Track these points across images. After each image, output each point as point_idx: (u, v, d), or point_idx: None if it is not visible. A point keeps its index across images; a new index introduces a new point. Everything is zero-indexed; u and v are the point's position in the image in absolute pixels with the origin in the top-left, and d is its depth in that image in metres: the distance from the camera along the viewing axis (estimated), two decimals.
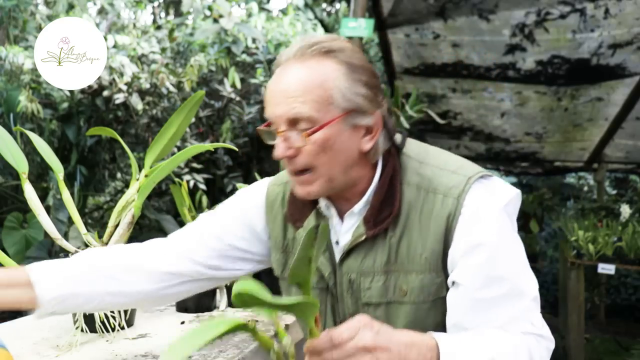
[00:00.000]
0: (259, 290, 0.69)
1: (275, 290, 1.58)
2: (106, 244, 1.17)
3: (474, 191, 0.95)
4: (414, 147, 1.04)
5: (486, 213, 0.94)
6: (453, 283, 0.95)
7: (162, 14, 7.17)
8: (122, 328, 1.17)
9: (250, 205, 1.14)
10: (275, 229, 1.10)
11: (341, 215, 1.03)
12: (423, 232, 0.96)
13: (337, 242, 1.03)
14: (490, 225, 0.93)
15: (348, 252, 1.00)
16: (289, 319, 1.37)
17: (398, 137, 1.03)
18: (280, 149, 0.94)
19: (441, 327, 0.96)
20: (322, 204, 1.04)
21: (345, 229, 1.02)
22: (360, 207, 1.00)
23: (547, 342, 0.95)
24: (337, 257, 1.03)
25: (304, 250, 0.75)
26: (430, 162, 1.01)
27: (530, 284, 0.95)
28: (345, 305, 1.03)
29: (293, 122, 0.93)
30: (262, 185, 1.16)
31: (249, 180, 4.32)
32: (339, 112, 0.93)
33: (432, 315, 0.98)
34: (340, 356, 0.77)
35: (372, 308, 1.00)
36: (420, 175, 0.98)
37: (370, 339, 0.78)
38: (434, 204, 0.96)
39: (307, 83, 0.92)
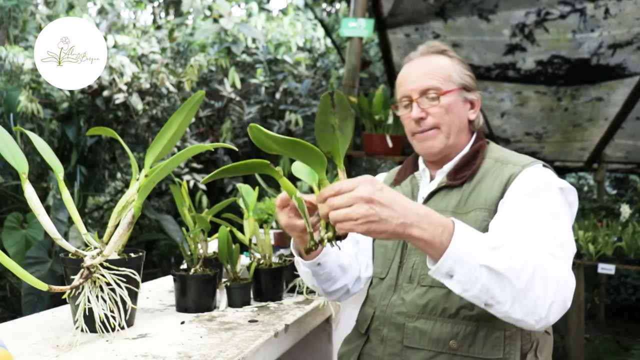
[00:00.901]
0: (270, 131, 0.82)
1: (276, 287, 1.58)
2: (106, 244, 1.17)
3: (537, 168, 1.24)
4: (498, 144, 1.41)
5: (541, 180, 1.19)
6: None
7: (162, 14, 7.17)
8: (122, 328, 1.17)
9: None
10: None
11: (432, 178, 1.39)
12: (489, 187, 1.25)
13: (423, 197, 1.36)
14: (542, 182, 1.18)
15: (430, 196, 1.33)
16: (290, 318, 1.37)
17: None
18: (415, 112, 1.32)
19: None
20: (421, 167, 1.42)
21: (433, 183, 1.37)
22: (449, 167, 1.35)
23: (566, 274, 1.03)
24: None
25: (323, 115, 0.86)
26: (510, 151, 1.35)
27: (563, 237, 1.11)
28: None
29: (424, 92, 1.32)
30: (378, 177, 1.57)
31: (249, 180, 4.31)
32: (455, 86, 1.33)
33: None
34: (341, 203, 0.89)
35: None
36: (500, 154, 1.33)
37: (367, 191, 0.88)
38: (504, 170, 1.26)
39: (432, 66, 1.33)
